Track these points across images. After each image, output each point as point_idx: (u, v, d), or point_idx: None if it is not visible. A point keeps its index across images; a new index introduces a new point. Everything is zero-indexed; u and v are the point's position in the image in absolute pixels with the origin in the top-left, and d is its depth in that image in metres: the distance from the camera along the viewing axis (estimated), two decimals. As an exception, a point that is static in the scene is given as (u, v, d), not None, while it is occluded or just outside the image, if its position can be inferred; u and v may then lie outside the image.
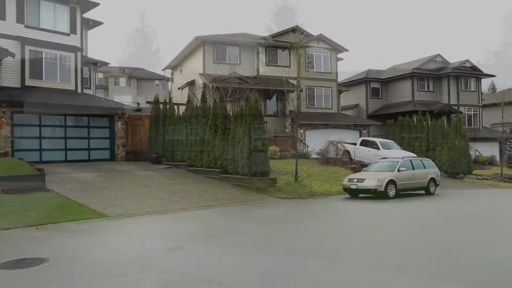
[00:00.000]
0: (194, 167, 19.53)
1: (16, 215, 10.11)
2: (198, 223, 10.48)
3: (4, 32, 19.75)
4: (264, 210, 12.86)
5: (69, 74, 21.87)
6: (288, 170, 19.64)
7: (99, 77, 56.97)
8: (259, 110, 16.79)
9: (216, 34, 29.85)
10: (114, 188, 14.55)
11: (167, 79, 46.80)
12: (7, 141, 18.54)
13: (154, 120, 22.78)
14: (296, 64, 21.79)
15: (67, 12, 22.02)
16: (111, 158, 22.15)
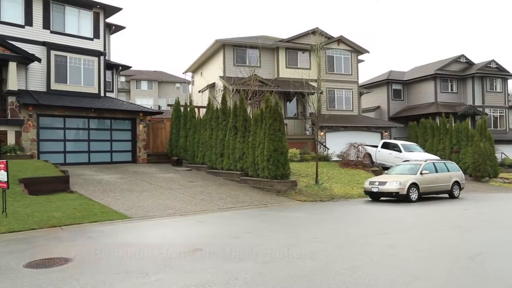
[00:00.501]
0: (215, 169, 19.64)
1: (42, 215, 10.35)
2: (218, 225, 10.52)
3: (31, 37, 20.34)
4: (284, 212, 12.82)
5: (92, 77, 22.34)
6: (308, 172, 19.53)
7: (121, 81, 58.01)
8: (279, 113, 16.76)
9: (236, 37, 30.00)
10: (136, 190, 14.75)
11: (187, 82, 47.23)
12: (33, 143, 19.02)
13: (175, 122, 23.02)
14: (317, 66, 21.65)
15: (91, 17, 22.51)
16: (133, 161, 22.49)
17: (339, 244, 8.08)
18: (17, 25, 20.13)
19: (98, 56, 22.57)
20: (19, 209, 10.77)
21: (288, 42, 29.57)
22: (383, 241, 8.39)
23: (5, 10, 19.86)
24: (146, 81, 63.24)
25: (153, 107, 52.41)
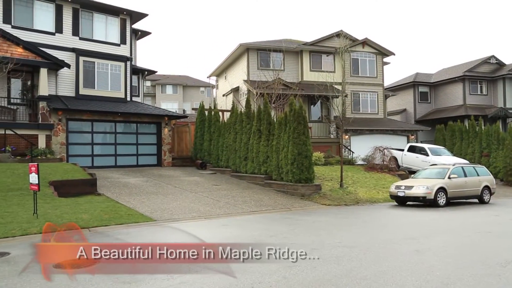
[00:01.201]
0: (239, 173, 19.70)
1: (70, 217, 10.59)
2: (242, 229, 10.53)
3: (61, 44, 20.97)
4: (308, 216, 12.73)
5: (119, 82, 22.82)
6: (333, 176, 19.36)
7: (147, 85, 59.00)
8: (303, 116, 16.69)
9: (259, 41, 30.09)
10: (161, 193, 14.94)
11: (212, 86, 47.62)
12: (62, 147, 19.53)
13: (200, 126, 23.23)
14: (341, 69, 21.51)
15: (118, 23, 23.04)
16: (158, 164, 22.80)
17: (365, 249, 7.96)
18: (48, 32, 20.78)
19: (124, 62, 23.04)
20: (49, 211, 11.06)
21: (312, 45, 29.44)
22: (410, 247, 8.21)
23: (37, 18, 20.55)
24: (171, 85, 64.12)
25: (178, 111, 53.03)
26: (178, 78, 65.93)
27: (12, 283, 5.85)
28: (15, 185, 13.46)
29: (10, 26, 19.57)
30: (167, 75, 64.18)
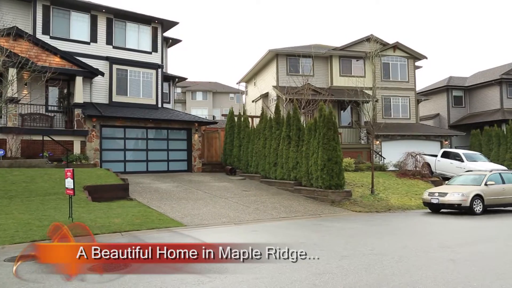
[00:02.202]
0: (268, 178, 19.68)
1: (104, 221, 10.85)
2: (272, 235, 10.49)
3: (96, 53, 21.65)
4: (338, 223, 12.56)
5: (151, 89, 23.31)
6: (363, 182, 19.05)
7: (178, 92, 59.94)
8: (333, 122, 16.54)
9: (289, 47, 30.09)
10: (191, 199, 15.10)
11: (241, 92, 47.93)
12: (96, 152, 20.07)
13: (229, 132, 23.39)
14: (371, 73, 21.21)
15: (149, 32, 23.60)
16: (188, 169, 23.07)
17: (397, 257, 7.77)
18: (84, 42, 21.51)
19: (156, 69, 23.54)
20: (83, 215, 11.37)
21: (342, 50, 29.20)
22: (444, 255, 7.96)
23: (73, 29, 21.33)
24: (201, 92, 64.92)
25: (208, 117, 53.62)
26: (208, 85, 66.70)
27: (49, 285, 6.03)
28: (52, 190, 13.92)
29: (48, 37, 20.36)
30: (197, 81, 65.06)
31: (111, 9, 22.45)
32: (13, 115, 17.88)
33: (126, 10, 22.92)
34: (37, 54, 18.85)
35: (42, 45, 19.14)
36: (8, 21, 15.62)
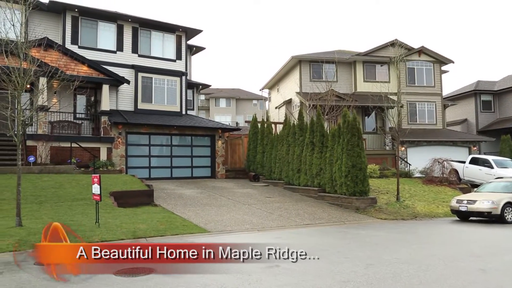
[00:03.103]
0: (291, 185, 19.59)
1: (129, 227, 11.00)
2: (296, 242, 10.41)
3: (122, 62, 22.15)
4: (363, 231, 12.37)
5: (175, 97, 23.63)
6: (388, 189, 18.73)
7: (201, 99, 60.57)
8: (357, 128, 16.37)
9: (312, 53, 30.03)
10: (214, 205, 15.16)
11: (264, 98, 48.05)
12: (122, 159, 20.43)
13: (253, 138, 23.43)
14: (396, 79, 20.89)
15: (174, 40, 23.99)
16: (211, 176, 23.21)
17: (424, 266, 7.59)
18: (110, 51, 22.03)
19: (180, 76, 23.87)
20: (109, 220, 11.56)
21: (366, 55, 28.95)
22: (474, 265, 7.73)
23: (100, 38, 21.89)
24: (225, 98, 65.39)
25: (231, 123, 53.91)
26: (231, 92, 67.16)
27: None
28: (79, 195, 14.23)
29: (77, 46, 20.95)
30: (220, 88, 65.58)
31: (136, 19, 22.95)
32: (43, 123, 18.42)
33: (151, 19, 23.39)
34: (66, 63, 19.39)
35: (71, 54, 19.70)
36: (40, 32, 16.12)
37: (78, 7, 21.20)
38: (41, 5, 18.53)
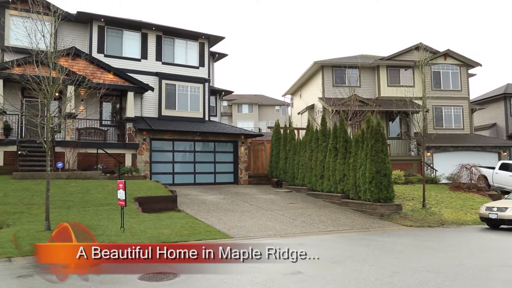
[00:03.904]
0: (314, 191, 19.45)
1: (153, 232, 11.13)
2: (319, 248, 10.32)
3: (146, 69, 22.55)
4: (388, 237, 12.16)
5: (198, 103, 23.88)
6: (414, 196, 18.38)
7: (224, 105, 60.98)
8: (381, 133, 16.15)
9: (334, 58, 29.87)
10: (237, 211, 15.19)
11: (287, 104, 48.00)
12: (146, 165, 20.73)
13: (275, 144, 23.41)
14: (421, 83, 20.50)
15: (197, 47, 24.30)
16: (234, 182, 23.28)
17: (452, 275, 7.39)
18: (135, 59, 22.48)
19: (203, 83, 24.11)
20: (134, 225, 11.72)
21: (389, 59, 28.59)
22: (505, 275, 7.48)
23: (125, 47, 22.38)
24: (247, 104, 65.65)
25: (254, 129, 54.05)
26: (253, 98, 67.38)
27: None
28: (105, 200, 14.49)
29: (103, 55, 21.46)
30: (243, 94, 65.91)
31: (160, 27, 23.36)
32: (70, 130, 18.89)
33: (175, 27, 23.74)
34: (92, 71, 19.87)
35: (97, 63, 20.18)
36: (68, 42, 16.61)
37: (104, 17, 21.74)
38: (69, 16, 19.08)
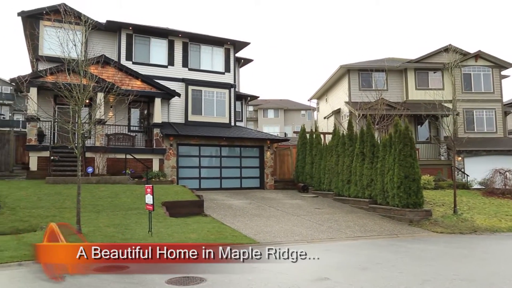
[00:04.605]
0: (341, 196, 19.23)
1: (180, 236, 11.23)
2: (346, 254, 10.18)
3: (173, 76, 22.93)
4: (417, 244, 11.87)
5: (224, 108, 24.05)
6: (444, 201, 17.91)
7: (249, 110, 61.18)
8: (409, 137, 15.83)
9: (360, 61, 29.57)
10: (263, 216, 15.16)
11: (312, 109, 47.76)
12: (173, 170, 20.99)
13: (301, 149, 23.30)
14: (451, 85, 20.03)
15: (222, 53, 24.52)
16: (260, 187, 23.27)
17: (487, 284, 7.15)
18: (162, 65, 22.89)
19: (229, 89, 24.29)
20: (161, 230, 11.86)
21: (417, 62, 28.06)
22: (542, 284, 7.17)
23: (153, 54, 22.85)
24: (273, 109, 65.66)
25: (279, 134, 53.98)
26: (279, 102, 67.35)
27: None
28: (133, 205, 14.74)
29: (131, 62, 21.94)
30: (268, 99, 65.96)
31: (186, 34, 23.71)
32: (100, 136, 19.36)
33: (201, 33, 24.05)
34: (121, 78, 20.33)
35: (126, 70, 20.63)
36: (98, 50, 17.10)
37: (133, 25, 22.24)
38: (99, 25, 19.64)
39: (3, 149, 20.37)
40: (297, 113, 66.14)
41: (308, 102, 39.98)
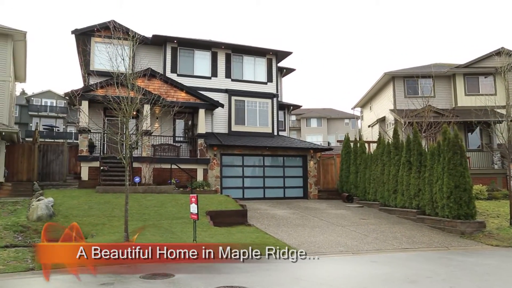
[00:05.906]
0: (387, 206, 18.70)
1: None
2: (394, 266, 9.85)
3: (216, 87, 23.36)
4: (470, 258, 11.30)
5: (267, 118, 24.16)
6: (499, 212, 16.96)
7: (292, 119, 61.07)
8: (459, 145, 15.19)
9: (405, 68, 28.86)
10: (307, 226, 15.00)
11: (356, 117, 46.96)
12: (217, 179, 21.25)
13: (345, 158, 22.93)
14: (504, 90, 19.05)
15: (264, 63, 24.72)
16: (304, 196, 23.07)
17: (548, 301, 6.67)
18: (205, 77, 23.39)
19: (271, 98, 24.40)
20: (206, 239, 12.00)
21: (466, 67, 26.98)
22: None
23: (197, 66, 23.42)
24: (316, 118, 65.20)
25: (323, 143, 53.41)
26: (322, 111, 66.81)
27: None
28: (178, 214, 15.03)
29: (176, 74, 22.58)
30: (311, 108, 65.61)
31: (229, 45, 24.12)
32: (146, 146, 19.97)
33: (243, 44, 24.40)
34: (166, 90, 20.94)
35: (171, 82, 21.24)
36: (144, 63, 17.73)
37: (177, 39, 22.91)
38: (146, 40, 20.41)
39: (58, 160, 21.49)
40: (341, 121, 65.29)
41: (352, 110, 39.37)
